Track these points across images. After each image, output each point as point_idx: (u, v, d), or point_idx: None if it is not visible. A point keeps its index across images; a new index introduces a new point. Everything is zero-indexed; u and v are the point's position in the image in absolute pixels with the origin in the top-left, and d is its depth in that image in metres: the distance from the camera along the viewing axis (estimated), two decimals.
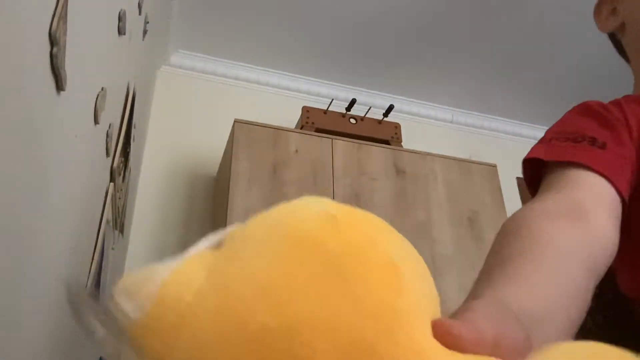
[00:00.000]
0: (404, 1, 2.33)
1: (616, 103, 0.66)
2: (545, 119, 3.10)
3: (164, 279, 0.25)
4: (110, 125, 1.27)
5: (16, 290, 0.72)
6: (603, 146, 0.58)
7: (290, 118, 2.37)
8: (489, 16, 2.39)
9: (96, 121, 1.10)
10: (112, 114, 1.30)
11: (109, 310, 0.25)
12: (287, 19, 2.43)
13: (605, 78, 2.65)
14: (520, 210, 0.52)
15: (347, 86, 2.83)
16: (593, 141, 0.59)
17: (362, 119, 2.30)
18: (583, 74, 2.71)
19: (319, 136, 2.14)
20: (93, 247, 1.20)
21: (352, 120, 2.28)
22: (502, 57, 2.64)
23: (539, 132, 3.09)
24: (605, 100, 0.68)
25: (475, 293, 0.40)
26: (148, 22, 1.80)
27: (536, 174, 0.62)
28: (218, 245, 0.27)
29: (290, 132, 2.11)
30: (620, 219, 0.53)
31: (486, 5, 2.33)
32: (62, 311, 1.02)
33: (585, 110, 0.67)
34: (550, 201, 0.53)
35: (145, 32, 1.78)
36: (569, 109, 0.71)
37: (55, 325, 0.98)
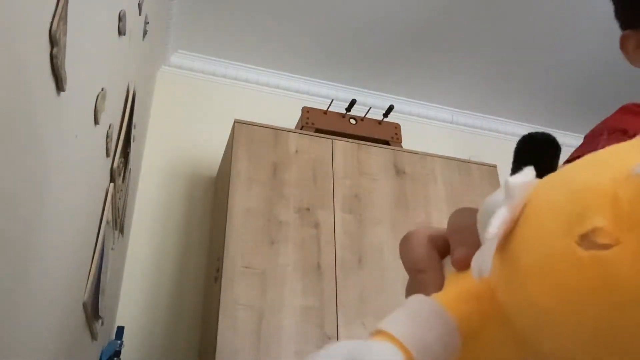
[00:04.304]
0: (404, 2, 2.33)
1: None
2: (545, 120, 3.11)
3: None
4: (110, 125, 1.27)
5: (17, 290, 0.72)
6: (633, 137, 0.61)
7: (290, 118, 2.37)
8: (489, 17, 2.39)
9: (96, 121, 1.10)
10: (112, 115, 1.30)
11: None
12: (287, 19, 2.43)
13: (606, 79, 2.66)
14: None
15: (347, 86, 2.83)
16: (624, 132, 0.63)
17: (362, 119, 2.30)
18: (583, 75, 2.71)
19: (319, 136, 2.14)
20: (93, 247, 1.20)
21: (352, 121, 2.28)
22: (502, 57, 2.64)
23: None
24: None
25: None
26: (148, 23, 1.80)
27: None
28: None
29: (290, 133, 2.11)
30: None
31: (486, 6, 2.33)
32: (63, 310, 1.02)
33: (621, 109, 0.72)
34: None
35: (145, 32, 1.78)
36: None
37: (57, 325, 0.98)
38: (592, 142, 0.67)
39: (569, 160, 0.69)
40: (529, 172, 0.24)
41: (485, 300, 0.25)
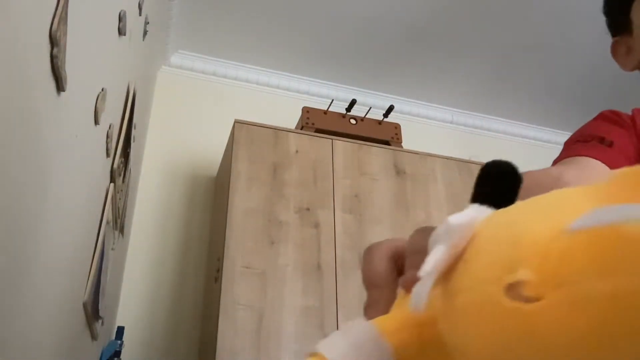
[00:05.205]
0: (405, 2, 2.33)
1: (631, 112, 0.74)
2: (545, 120, 3.11)
3: None
4: (110, 125, 1.27)
5: (17, 290, 0.72)
6: (610, 144, 0.64)
7: (290, 118, 2.37)
8: (489, 17, 2.39)
9: (96, 122, 1.10)
10: (112, 115, 1.30)
11: None
12: (287, 19, 2.43)
13: (606, 79, 2.66)
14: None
15: (347, 86, 2.83)
16: (601, 140, 0.65)
17: (362, 119, 2.30)
18: (583, 75, 2.71)
19: (319, 136, 2.14)
20: (93, 248, 1.20)
21: (352, 121, 2.28)
22: (502, 58, 2.64)
23: (539, 133, 3.11)
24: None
25: None
26: (148, 23, 1.80)
27: None
28: None
29: (290, 133, 2.11)
30: None
31: (486, 6, 2.33)
32: (63, 310, 1.02)
33: (599, 116, 0.74)
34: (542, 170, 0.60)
35: (145, 32, 1.78)
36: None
37: (57, 325, 0.98)
38: (570, 149, 0.69)
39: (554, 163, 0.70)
40: (470, 211, 0.24)
41: (427, 327, 0.26)
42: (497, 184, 0.26)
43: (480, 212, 0.24)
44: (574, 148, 0.68)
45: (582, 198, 0.21)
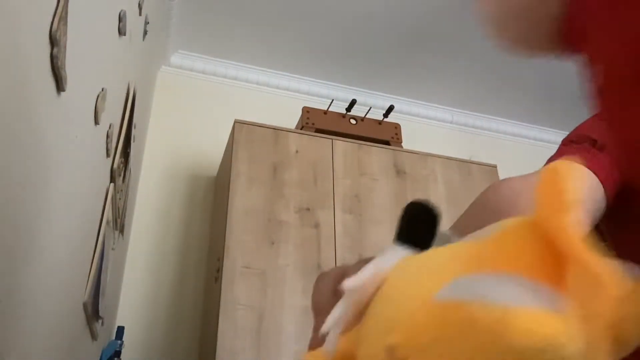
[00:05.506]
0: (405, 2, 2.33)
1: None
2: (545, 120, 3.11)
3: None
4: (110, 125, 1.27)
5: (18, 290, 0.72)
6: (602, 148, 0.63)
7: (290, 118, 2.37)
8: None
9: (96, 122, 1.10)
10: (112, 115, 1.30)
11: None
12: (287, 19, 2.43)
13: None
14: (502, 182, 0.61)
15: (347, 86, 2.83)
16: (594, 143, 0.64)
17: (362, 119, 2.30)
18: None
19: (319, 136, 2.14)
20: (93, 248, 1.20)
21: (352, 121, 2.28)
22: (502, 58, 2.63)
23: (539, 133, 3.11)
24: None
25: None
26: (148, 23, 1.80)
27: None
28: None
29: (290, 133, 2.11)
30: (598, 209, 0.58)
31: None
32: (63, 310, 1.02)
33: (597, 115, 0.74)
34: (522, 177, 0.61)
35: (145, 32, 1.78)
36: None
37: (57, 325, 0.98)
38: (562, 151, 0.69)
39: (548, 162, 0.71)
40: (367, 271, 0.27)
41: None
42: (416, 226, 0.29)
43: (395, 256, 0.27)
44: (565, 150, 0.68)
45: (461, 259, 0.24)
